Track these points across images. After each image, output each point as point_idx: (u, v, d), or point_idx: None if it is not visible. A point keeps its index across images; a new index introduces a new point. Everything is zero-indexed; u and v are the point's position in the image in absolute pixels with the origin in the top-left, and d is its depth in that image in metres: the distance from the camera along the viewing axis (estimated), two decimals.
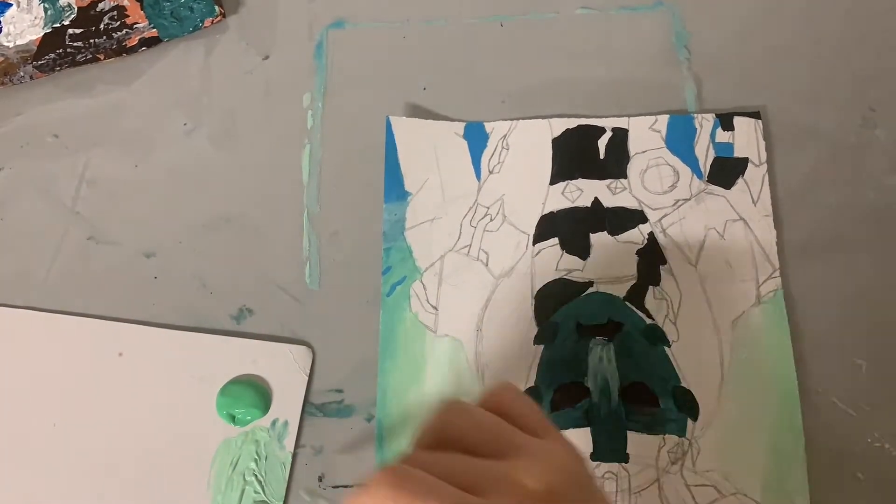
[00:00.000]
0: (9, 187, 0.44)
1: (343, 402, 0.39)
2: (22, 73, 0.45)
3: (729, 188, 0.40)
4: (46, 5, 0.46)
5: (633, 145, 0.41)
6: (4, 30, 0.45)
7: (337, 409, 0.39)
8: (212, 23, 0.46)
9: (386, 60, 0.45)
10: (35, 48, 0.45)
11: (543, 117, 0.42)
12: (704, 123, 0.42)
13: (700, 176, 0.41)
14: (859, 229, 0.40)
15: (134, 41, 0.45)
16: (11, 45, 0.45)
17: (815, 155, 0.42)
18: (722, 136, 0.41)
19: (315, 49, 0.46)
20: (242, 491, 0.37)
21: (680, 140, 0.41)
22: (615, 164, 0.41)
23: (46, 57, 0.45)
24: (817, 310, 0.39)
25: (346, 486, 0.38)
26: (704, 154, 0.41)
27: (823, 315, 0.39)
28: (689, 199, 0.40)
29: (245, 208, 0.43)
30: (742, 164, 0.41)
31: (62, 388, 0.39)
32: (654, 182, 0.41)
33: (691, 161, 0.41)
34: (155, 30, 0.45)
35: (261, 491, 0.37)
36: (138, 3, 0.45)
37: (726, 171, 0.41)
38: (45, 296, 0.41)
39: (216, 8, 0.46)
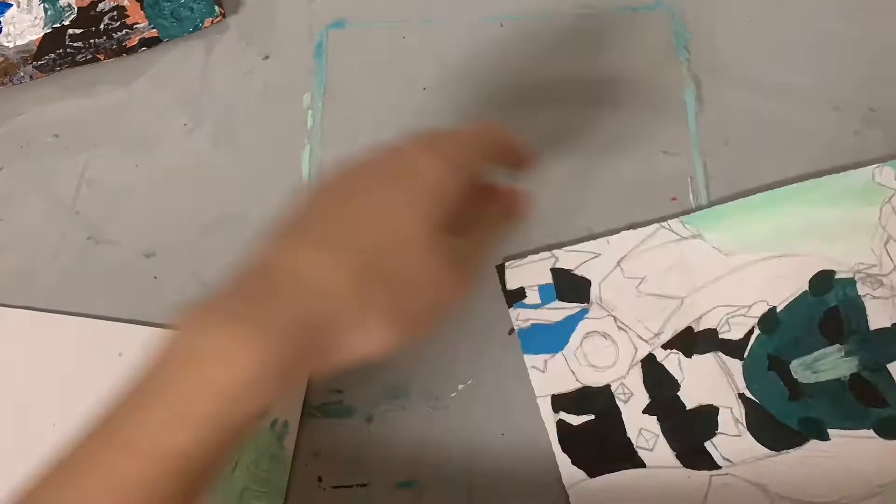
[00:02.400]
0: (9, 187, 0.44)
1: (343, 402, 0.39)
2: (22, 73, 0.45)
3: None
4: (46, 5, 0.46)
5: None
6: (4, 30, 0.45)
7: (337, 409, 0.39)
8: (212, 23, 0.46)
9: (386, 60, 0.45)
10: (35, 48, 0.45)
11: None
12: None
13: None
14: None
15: (134, 41, 0.45)
16: (11, 45, 0.45)
17: (814, 155, 0.42)
18: None
19: (315, 49, 0.46)
20: (242, 491, 0.37)
21: None
22: None
23: (46, 57, 0.45)
24: None
25: (345, 487, 0.38)
26: None
27: None
28: None
29: (245, 208, 0.43)
30: None
31: (62, 388, 0.39)
32: None
33: None
34: (155, 30, 0.45)
35: (261, 491, 0.37)
36: (138, 4, 0.45)
37: None
38: (45, 296, 0.41)
39: (216, 8, 0.45)
